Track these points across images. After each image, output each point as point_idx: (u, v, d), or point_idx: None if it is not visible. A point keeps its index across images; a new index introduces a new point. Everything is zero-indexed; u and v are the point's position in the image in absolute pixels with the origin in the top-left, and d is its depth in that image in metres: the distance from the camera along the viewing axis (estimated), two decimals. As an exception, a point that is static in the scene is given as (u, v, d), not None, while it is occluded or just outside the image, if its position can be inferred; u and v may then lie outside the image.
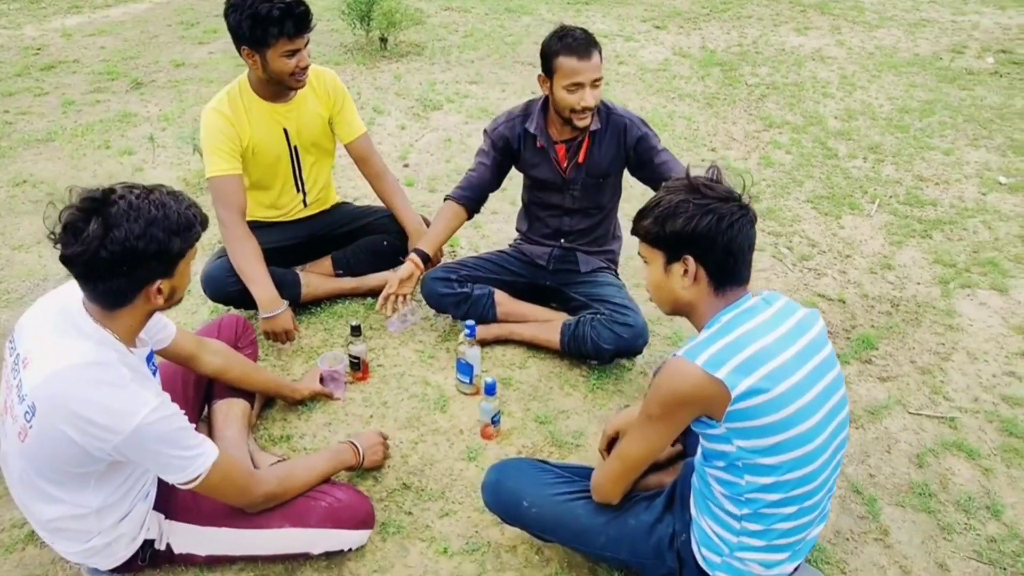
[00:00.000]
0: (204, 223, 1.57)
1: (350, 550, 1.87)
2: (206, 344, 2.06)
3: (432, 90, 5.14)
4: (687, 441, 2.08)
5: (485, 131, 2.65)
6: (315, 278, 2.82)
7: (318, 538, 1.81)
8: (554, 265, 2.70)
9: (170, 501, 1.78)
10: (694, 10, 7.40)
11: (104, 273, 1.43)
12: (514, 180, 2.82)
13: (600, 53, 2.33)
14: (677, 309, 1.62)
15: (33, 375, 1.48)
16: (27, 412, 1.48)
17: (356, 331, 2.41)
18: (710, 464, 1.59)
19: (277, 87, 2.50)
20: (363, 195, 3.69)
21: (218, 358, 2.07)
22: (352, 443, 2.04)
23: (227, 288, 2.55)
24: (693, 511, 1.71)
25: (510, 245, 2.86)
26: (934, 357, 2.71)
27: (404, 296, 2.54)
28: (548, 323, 2.62)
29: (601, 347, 2.45)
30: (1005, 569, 1.93)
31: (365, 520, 1.87)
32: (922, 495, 2.13)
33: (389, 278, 2.57)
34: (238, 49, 2.40)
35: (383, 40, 5.87)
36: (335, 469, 1.96)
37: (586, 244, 2.69)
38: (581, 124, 2.39)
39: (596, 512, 1.74)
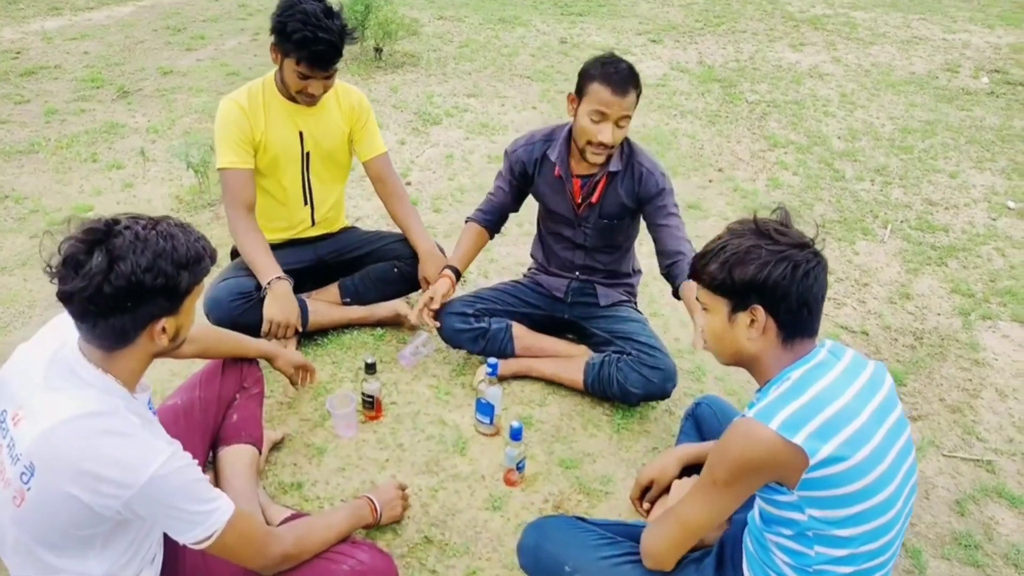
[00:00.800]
0: (213, 257, 1.44)
1: (372, 615, 1.73)
2: None
3: (430, 103, 5.02)
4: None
5: (505, 152, 2.54)
6: (322, 306, 2.68)
7: (340, 604, 1.67)
8: (572, 298, 2.59)
9: (178, 566, 1.64)
10: (688, 23, 7.36)
11: (106, 310, 1.30)
12: (527, 203, 2.70)
13: (638, 94, 2.20)
14: (738, 360, 1.51)
15: (28, 432, 1.33)
16: (24, 474, 1.33)
17: (371, 368, 2.27)
18: (772, 531, 1.48)
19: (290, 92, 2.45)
20: (364, 215, 3.56)
21: (195, 344, 1.95)
22: (369, 499, 1.91)
23: (232, 312, 2.41)
24: (747, 574, 1.60)
25: (524, 275, 2.74)
26: (963, 394, 2.64)
27: (435, 311, 2.46)
28: (570, 360, 2.51)
29: (628, 391, 2.34)
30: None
31: (391, 584, 1.73)
32: (967, 547, 2.05)
33: (429, 293, 2.47)
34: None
35: (378, 50, 5.73)
36: (353, 528, 1.82)
37: (603, 277, 2.58)
38: (593, 159, 2.26)
39: (643, 577, 1.62)
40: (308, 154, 2.56)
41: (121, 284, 1.27)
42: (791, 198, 4.02)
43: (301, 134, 2.52)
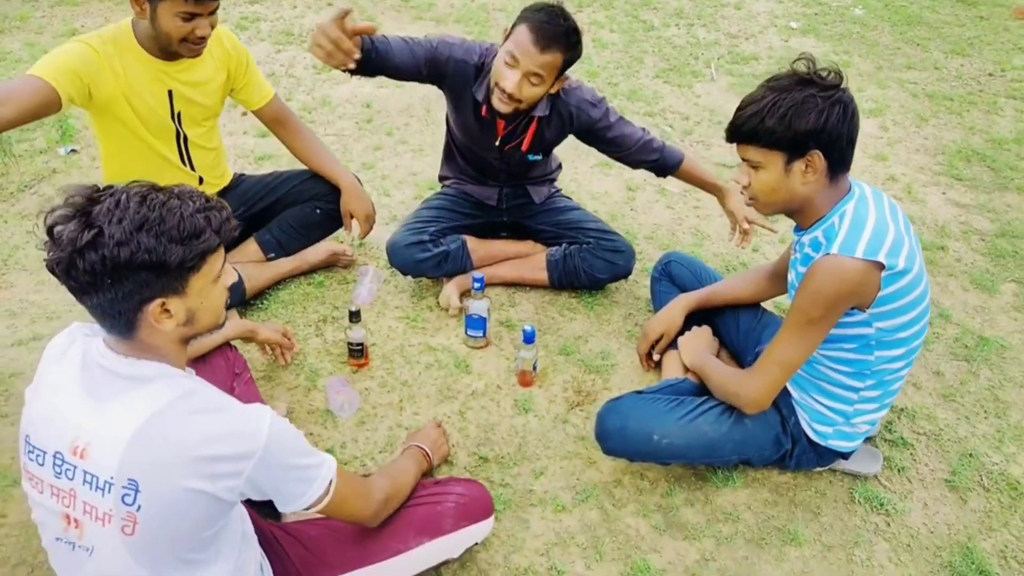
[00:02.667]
0: (221, 230, 1.23)
1: (476, 543, 1.78)
2: None
3: (213, 19, 4.45)
4: (723, 332, 2.21)
5: (444, 39, 2.21)
6: (252, 268, 2.44)
7: (456, 541, 1.69)
8: (506, 203, 2.58)
9: (288, 567, 1.56)
10: None
11: (87, 286, 1.14)
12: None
13: (566, 59, 2.04)
14: (787, 207, 1.65)
15: (108, 453, 1.17)
16: (126, 495, 1.17)
17: (355, 316, 2.16)
18: (829, 347, 1.71)
19: (167, 48, 2.05)
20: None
21: None
22: (418, 447, 1.89)
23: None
24: (795, 394, 1.85)
25: (445, 186, 2.66)
26: (833, 199, 3.09)
27: None
28: (527, 260, 2.56)
29: (596, 277, 2.46)
30: (977, 361, 2.36)
31: (491, 506, 1.77)
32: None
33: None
34: None
35: (122, -34, 4.88)
36: (420, 474, 1.81)
37: (530, 181, 2.59)
38: (496, 104, 2.12)
39: (716, 422, 1.82)
40: (179, 113, 2.21)
41: (93, 258, 1.11)
42: (621, 55, 4.21)
43: (171, 92, 2.15)
